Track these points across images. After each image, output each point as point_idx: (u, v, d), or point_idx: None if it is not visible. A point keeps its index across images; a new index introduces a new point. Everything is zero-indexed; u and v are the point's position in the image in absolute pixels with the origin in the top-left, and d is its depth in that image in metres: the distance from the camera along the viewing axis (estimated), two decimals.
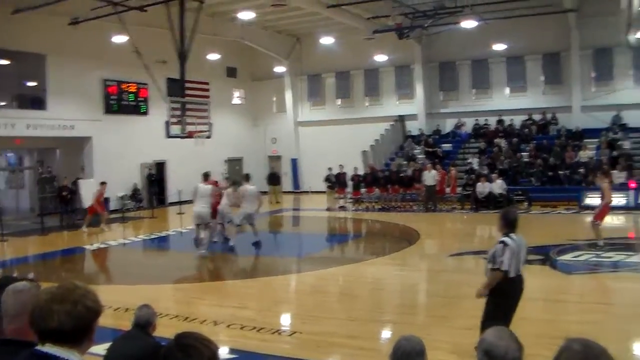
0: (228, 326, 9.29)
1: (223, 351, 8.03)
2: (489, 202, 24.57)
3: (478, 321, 6.99)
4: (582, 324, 8.88)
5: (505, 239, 6.88)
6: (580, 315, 9.60)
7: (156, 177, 30.55)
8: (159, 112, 26.60)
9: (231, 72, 36.54)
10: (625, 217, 22.01)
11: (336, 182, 28.01)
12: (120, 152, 27.68)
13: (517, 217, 7.10)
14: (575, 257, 14.32)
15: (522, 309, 9.82)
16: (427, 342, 3.44)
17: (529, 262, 13.89)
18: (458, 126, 32.75)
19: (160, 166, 31.00)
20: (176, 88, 24.36)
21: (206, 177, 17.48)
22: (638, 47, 26.99)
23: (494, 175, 25.52)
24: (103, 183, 22.55)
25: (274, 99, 37.99)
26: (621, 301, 10.75)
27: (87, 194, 23.35)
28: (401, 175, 27.70)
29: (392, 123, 33.43)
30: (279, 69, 35.92)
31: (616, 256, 14.22)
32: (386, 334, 9.12)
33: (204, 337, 2.64)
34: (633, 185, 23.95)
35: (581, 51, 30.07)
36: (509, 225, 6.99)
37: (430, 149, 30.87)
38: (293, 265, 15.64)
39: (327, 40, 31.17)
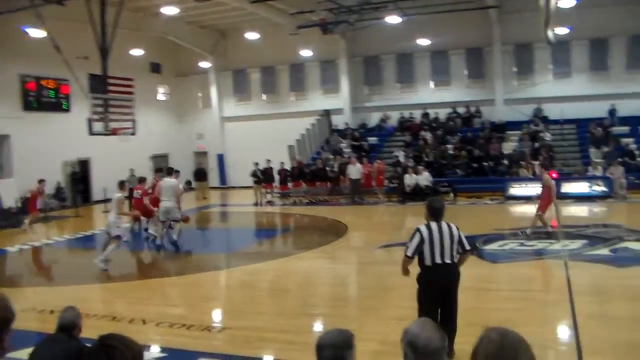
0: (157, 325, 9.12)
1: (153, 350, 7.90)
2: (416, 194, 24.88)
3: (408, 312, 7.05)
4: (507, 311, 9.06)
5: (421, 226, 7.01)
6: (506, 303, 9.80)
7: (80, 175, 29.73)
8: (82, 109, 25.76)
9: (155, 68, 35.91)
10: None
11: (263, 177, 27.88)
12: (41, 150, 26.65)
13: (441, 206, 7.14)
14: (500, 246, 14.63)
15: None
16: (358, 333, 3.42)
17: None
18: (383, 120, 33.05)
19: (84, 164, 30.17)
20: (98, 84, 23.80)
21: (170, 172, 17.14)
22: (556, 43, 27.70)
23: (420, 168, 25.86)
24: (41, 181, 21.38)
25: (199, 94, 37.60)
26: (544, 288, 11.03)
27: (6, 194, 22.57)
28: (327, 169, 27.82)
29: (318, 117, 33.47)
30: (204, 64, 35.56)
31: (539, 244, 14.60)
32: (317, 327, 9.11)
33: (127, 338, 2.58)
34: (554, 175, 24.59)
35: (503, 46, 30.88)
36: (431, 214, 7.07)
37: (356, 143, 31.06)
38: (222, 261, 15.49)
39: (251, 36, 30.97)
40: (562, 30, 26.58)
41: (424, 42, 31.12)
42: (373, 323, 8.74)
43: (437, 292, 6.94)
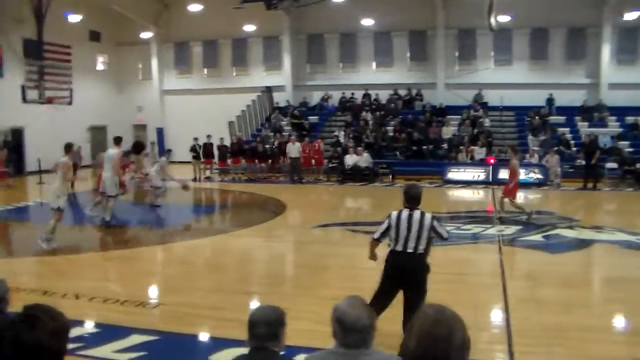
0: (90, 299, 8.89)
1: (87, 326, 7.70)
2: (355, 174, 24.96)
3: (342, 292, 6.96)
4: (442, 292, 9.00)
5: (393, 212, 6.91)
6: (440, 285, 9.75)
7: (13, 144, 28.69)
8: (15, 75, 25.02)
9: (95, 36, 35.00)
10: (485, 191, 22.95)
11: (203, 152, 27.56)
12: None
13: (415, 193, 6.98)
14: None
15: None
16: (292, 312, 3.39)
17: None
18: (325, 99, 33.02)
19: (17, 133, 29.06)
20: (33, 50, 23.07)
21: (117, 141, 16.65)
22: (499, 31, 28.10)
23: (360, 149, 25.93)
24: None
25: (140, 65, 36.88)
26: (477, 271, 11.16)
27: None
28: (267, 146, 27.68)
29: (259, 94, 33.23)
30: (146, 34, 34.82)
31: (475, 228, 14.80)
32: (252, 305, 9.03)
33: (53, 309, 2.47)
34: (492, 161, 25.01)
35: (446, 30, 31.23)
36: (405, 200, 6.96)
37: (296, 121, 30.97)
38: (158, 237, 15.20)
39: (195, 8, 30.46)
40: (505, 18, 26.97)
41: (368, 22, 31.18)
42: (308, 302, 8.70)
43: (393, 279, 6.80)
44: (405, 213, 6.81)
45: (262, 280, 10.87)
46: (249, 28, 32.33)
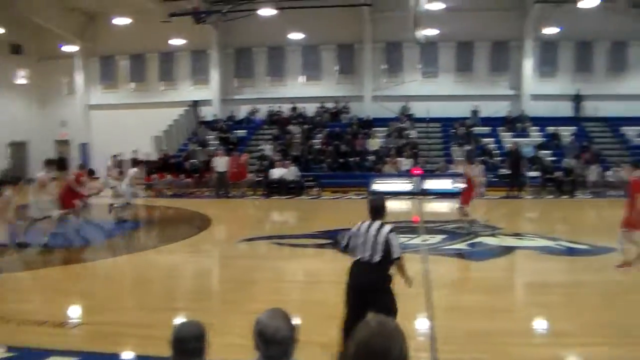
0: (7, 322, 8.52)
1: None
2: (281, 188, 24.89)
3: (269, 305, 6.87)
4: None
5: (359, 222, 6.97)
6: None
7: None
8: None
9: (15, 49, 33.98)
10: (411, 202, 23.16)
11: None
12: None
13: (377, 205, 7.06)
14: None
15: (314, 292, 10.02)
16: (219, 327, 3.32)
17: (320, 246, 14.23)
18: (252, 112, 32.87)
19: None
20: None
21: (48, 163, 16.05)
22: (425, 44, 28.62)
23: (286, 162, 25.88)
24: None
25: (64, 80, 35.91)
26: (400, 281, 11.20)
27: None
28: (193, 161, 27.38)
29: (186, 108, 32.88)
30: (70, 48, 33.95)
31: (400, 238, 14.83)
32: (177, 321, 8.83)
33: None
34: (418, 172, 25.29)
35: (374, 44, 31.57)
36: (368, 211, 7.04)
37: (223, 135, 30.69)
38: (81, 255, 14.80)
39: (121, 21, 29.84)
40: (431, 32, 27.37)
41: (296, 36, 31.17)
42: (234, 316, 8.56)
43: (350, 288, 6.81)
44: (366, 224, 6.87)
45: (188, 296, 10.66)
46: (177, 42, 31.81)
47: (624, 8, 24.94)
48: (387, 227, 6.80)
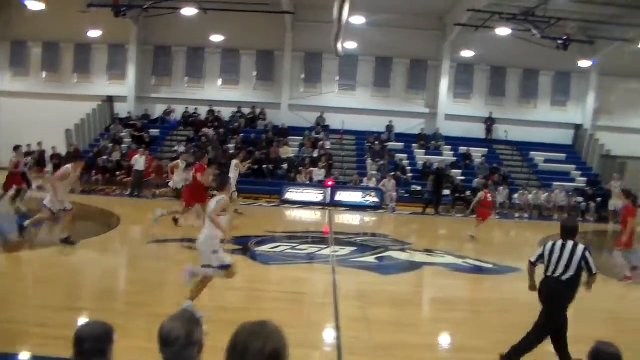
0: None
1: None
2: None
3: (177, 308, 6.85)
4: (276, 312, 9.14)
5: (548, 242, 7.34)
6: (275, 304, 9.90)
7: None
8: None
9: None
10: (322, 213, 23.33)
11: (36, 161, 26.22)
12: None
13: (571, 226, 7.38)
14: (272, 248, 14.78)
15: (222, 298, 9.96)
16: (124, 329, 3.26)
17: (231, 252, 14.15)
18: (167, 112, 32.43)
19: None
20: None
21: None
22: (345, 57, 28.98)
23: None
24: None
25: None
26: (311, 290, 11.28)
27: None
28: (106, 158, 26.78)
29: (100, 103, 32.16)
30: None
31: (310, 249, 14.99)
32: (80, 322, 8.62)
33: None
34: (330, 183, 25.49)
35: (294, 52, 31.65)
36: (562, 232, 7.31)
37: (137, 134, 30.15)
38: None
39: (34, 5, 28.67)
40: (351, 45, 27.72)
41: (216, 38, 30.98)
42: (140, 319, 8.42)
43: (543, 302, 7.14)
44: (559, 243, 7.15)
45: (93, 296, 10.37)
46: (94, 34, 30.95)
47: (536, 39, 25.90)
48: (582, 246, 7.12)
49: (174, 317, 3.16)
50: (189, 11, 26.33)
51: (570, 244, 7.07)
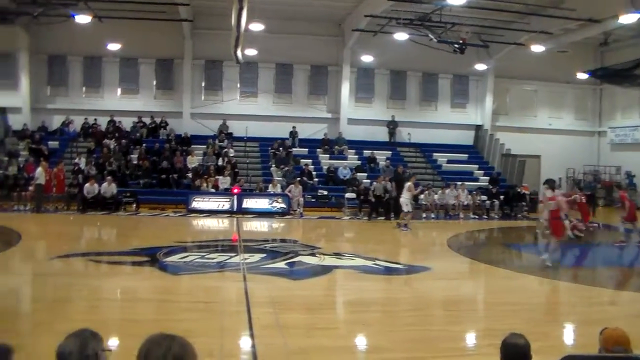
0: None
1: None
2: (98, 203, 24.02)
3: (81, 325, 6.57)
4: (188, 322, 8.97)
5: None
6: (186, 314, 9.72)
7: None
8: None
9: None
10: (229, 220, 23.20)
11: None
12: None
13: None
14: (181, 258, 14.59)
15: (132, 310, 9.73)
16: (28, 349, 3.12)
17: (138, 263, 13.88)
18: (66, 124, 31.41)
19: None
20: None
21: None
22: (245, 64, 28.93)
23: (109, 178, 24.83)
24: None
25: None
26: (223, 299, 11.17)
27: None
28: (1, 172, 25.76)
29: None
30: None
31: (220, 257, 14.85)
32: None
33: None
34: (236, 190, 25.37)
35: (194, 61, 31.39)
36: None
37: (35, 146, 29.09)
38: None
39: None
40: (251, 52, 27.68)
41: (114, 47, 30.27)
42: (43, 338, 8.09)
43: None
44: None
45: None
46: None
47: (433, 43, 26.59)
48: None
49: (73, 334, 3.07)
50: (83, 19, 25.51)
51: None
